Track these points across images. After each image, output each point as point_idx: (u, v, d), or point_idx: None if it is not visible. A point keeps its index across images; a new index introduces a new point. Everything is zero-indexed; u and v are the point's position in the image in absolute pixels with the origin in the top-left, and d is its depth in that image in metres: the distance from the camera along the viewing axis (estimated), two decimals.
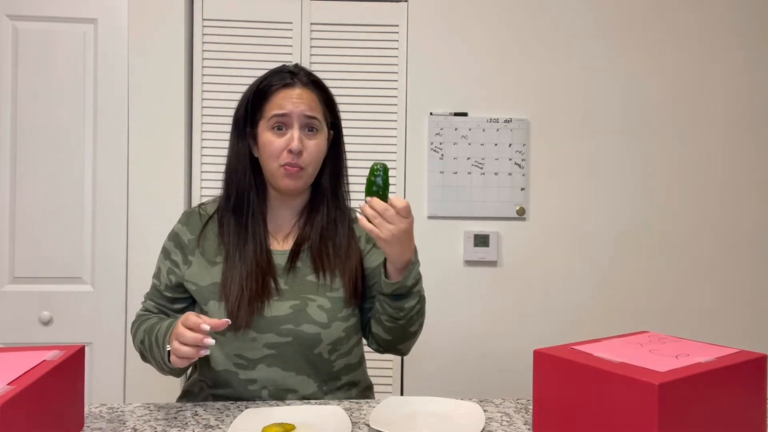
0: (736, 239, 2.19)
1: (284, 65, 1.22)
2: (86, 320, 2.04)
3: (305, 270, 1.19)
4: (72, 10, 2.03)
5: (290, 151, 1.14)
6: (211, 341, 0.97)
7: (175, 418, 1.02)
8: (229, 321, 1.00)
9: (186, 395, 1.24)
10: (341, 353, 1.19)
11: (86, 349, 1.85)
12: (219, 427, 0.97)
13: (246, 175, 1.19)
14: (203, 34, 2.09)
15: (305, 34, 2.10)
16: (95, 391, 2.02)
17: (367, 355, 1.32)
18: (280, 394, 1.14)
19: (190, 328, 0.98)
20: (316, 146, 1.17)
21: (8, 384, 0.77)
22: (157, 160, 2.05)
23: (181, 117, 2.06)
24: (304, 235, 1.21)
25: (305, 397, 1.15)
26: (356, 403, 1.11)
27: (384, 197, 1.05)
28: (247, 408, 1.06)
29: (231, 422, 0.99)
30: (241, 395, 1.15)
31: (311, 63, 2.10)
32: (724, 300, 2.18)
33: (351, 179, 1.29)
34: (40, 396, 0.81)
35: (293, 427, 0.94)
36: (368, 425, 0.98)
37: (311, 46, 2.10)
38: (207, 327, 0.97)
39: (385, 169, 1.06)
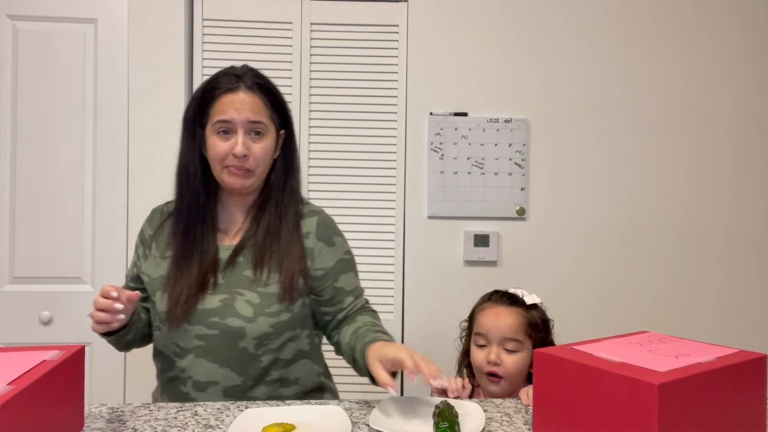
0: (737, 240, 2.18)
1: (233, 66, 1.23)
2: (86, 320, 2.01)
3: (244, 265, 1.21)
4: (72, 10, 2.03)
5: (235, 156, 1.16)
6: (119, 306, 1.07)
7: (175, 418, 1.02)
8: (139, 294, 1.12)
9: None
10: (269, 349, 1.18)
11: (86, 349, 1.84)
12: (219, 427, 0.97)
13: (196, 176, 1.23)
14: (203, 34, 2.09)
15: (305, 34, 2.10)
16: (95, 391, 2.02)
17: None
18: (201, 386, 1.17)
19: (104, 296, 1.09)
20: (261, 149, 1.19)
21: (8, 384, 0.77)
22: (157, 161, 2.05)
23: (181, 117, 2.06)
24: (250, 231, 1.24)
25: (227, 389, 1.16)
26: (356, 403, 1.11)
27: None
28: (247, 408, 1.06)
29: (231, 422, 0.99)
30: (176, 381, 1.19)
31: (311, 63, 2.10)
32: (724, 300, 2.18)
33: (344, 178, 1.29)
34: (40, 396, 0.81)
35: (293, 427, 0.94)
36: (368, 425, 0.98)
37: (311, 46, 2.10)
38: (115, 293, 1.07)
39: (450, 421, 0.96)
